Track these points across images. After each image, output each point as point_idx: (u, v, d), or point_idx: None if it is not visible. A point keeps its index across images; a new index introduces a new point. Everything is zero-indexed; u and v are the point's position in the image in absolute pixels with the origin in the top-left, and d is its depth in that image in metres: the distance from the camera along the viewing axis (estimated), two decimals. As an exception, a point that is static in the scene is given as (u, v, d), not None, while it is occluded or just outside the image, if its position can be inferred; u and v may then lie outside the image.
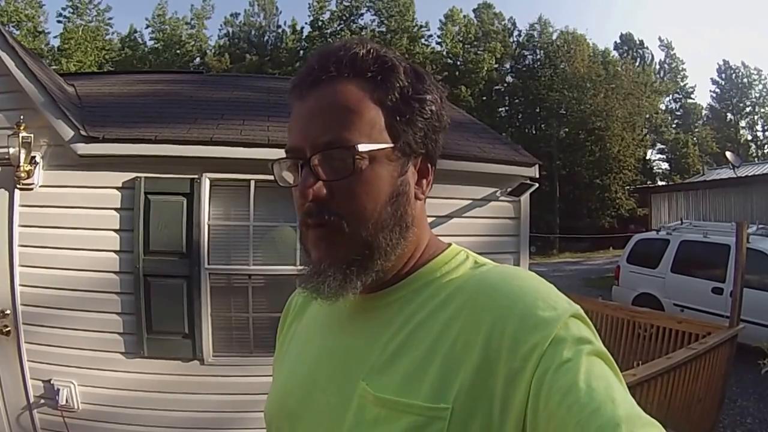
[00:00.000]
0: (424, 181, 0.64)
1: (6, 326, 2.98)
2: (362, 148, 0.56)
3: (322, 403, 0.60)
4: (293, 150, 0.59)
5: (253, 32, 31.01)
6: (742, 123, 31.77)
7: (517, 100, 30.17)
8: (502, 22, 30.56)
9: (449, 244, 0.66)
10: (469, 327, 0.53)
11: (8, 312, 2.98)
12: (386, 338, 0.58)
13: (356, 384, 0.57)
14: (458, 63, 28.83)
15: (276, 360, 0.78)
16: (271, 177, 0.64)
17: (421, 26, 30.31)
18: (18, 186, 2.96)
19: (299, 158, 0.58)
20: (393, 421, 0.52)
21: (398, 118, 0.59)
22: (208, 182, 3.14)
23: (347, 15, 29.75)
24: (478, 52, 29.01)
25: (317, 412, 0.60)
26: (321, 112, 0.58)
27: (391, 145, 0.58)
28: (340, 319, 0.65)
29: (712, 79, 32.68)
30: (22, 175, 2.91)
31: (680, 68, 31.58)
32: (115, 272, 3.06)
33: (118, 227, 3.08)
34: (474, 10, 30.49)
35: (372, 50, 0.60)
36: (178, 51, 28.49)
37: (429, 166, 0.64)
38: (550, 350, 0.48)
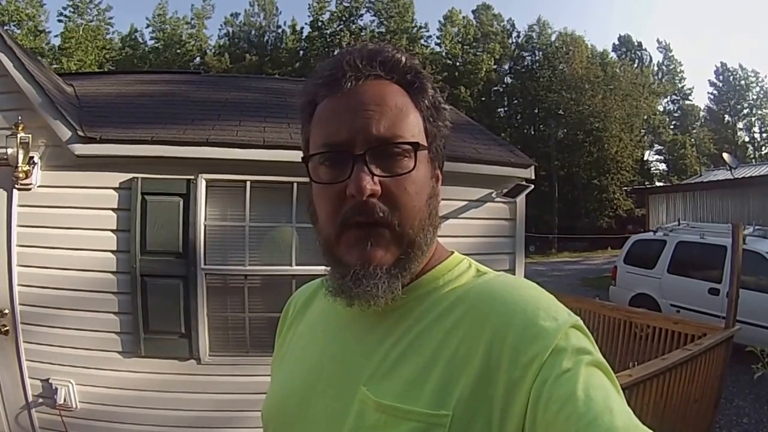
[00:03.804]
0: (438, 185, 0.65)
1: (4, 326, 2.98)
2: (421, 145, 0.58)
3: (322, 407, 0.60)
4: (338, 144, 0.57)
5: (253, 32, 31.03)
6: (740, 125, 31.91)
7: (515, 101, 30.22)
8: (501, 24, 30.66)
9: (452, 252, 0.66)
10: (471, 335, 0.54)
11: (6, 311, 2.99)
12: (388, 344, 0.58)
13: (357, 389, 0.57)
14: (457, 64, 28.89)
15: (274, 361, 0.78)
16: (267, 178, 0.65)
17: (421, 27, 30.44)
18: (16, 186, 2.97)
19: (348, 152, 0.56)
20: (393, 426, 0.53)
21: (431, 123, 0.62)
22: (204, 183, 3.14)
23: (347, 15, 29.78)
24: (477, 53, 29.09)
25: (316, 416, 0.60)
26: (372, 107, 0.57)
27: (427, 147, 0.61)
28: (343, 322, 0.64)
29: (709, 80, 32.91)
30: (21, 175, 2.92)
31: (678, 70, 31.70)
32: (112, 272, 3.07)
33: (115, 227, 3.08)
34: (473, 11, 30.65)
35: (407, 58, 0.62)
36: (178, 51, 28.50)
37: (439, 171, 0.66)
38: (550, 360, 0.49)
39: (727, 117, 31.73)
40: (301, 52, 29.84)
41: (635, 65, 30.06)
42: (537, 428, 0.47)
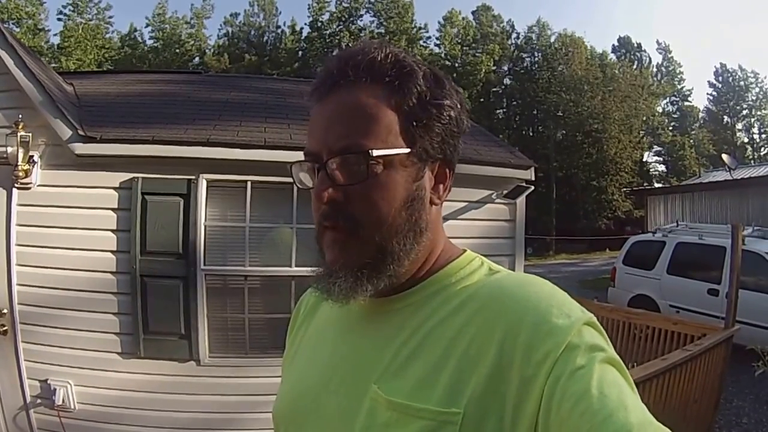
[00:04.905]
0: (441, 186, 0.63)
1: (3, 326, 2.98)
2: (376, 153, 0.56)
3: (333, 405, 0.60)
4: (311, 153, 0.60)
5: (252, 32, 31.03)
6: (739, 125, 31.98)
7: (514, 102, 30.25)
8: (501, 25, 30.65)
9: (464, 250, 0.66)
10: (483, 333, 0.53)
11: (5, 311, 2.98)
12: (399, 342, 0.58)
13: (368, 387, 0.57)
14: (456, 65, 28.86)
15: (285, 360, 0.78)
16: (268, 178, 0.65)
17: (420, 28, 30.44)
18: (16, 185, 2.96)
19: (316, 162, 0.59)
20: (404, 425, 0.53)
21: (415, 124, 0.59)
22: (204, 183, 3.14)
23: (346, 16, 29.77)
24: (477, 54, 29.08)
25: (328, 415, 0.61)
26: (338, 116, 0.58)
27: (407, 150, 0.58)
28: (353, 321, 0.65)
29: (709, 81, 32.97)
30: (20, 174, 2.91)
31: (677, 71, 31.74)
32: (111, 272, 3.06)
33: (115, 227, 3.08)
34: (473, 13, 30.62)
35: (390, 54, 0.59)
36: (177, 50, 28.48)
37: (447, 171, 0.64)
38: (563, 357, 0.48)
39: (726, 118, 31.80)
40: (301, 52, 29.84)
41: (634, 66, 30.11)
42: (550, 426, 0.47)
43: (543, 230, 22.44)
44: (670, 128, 30.67)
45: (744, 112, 31.64)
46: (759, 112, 31.33)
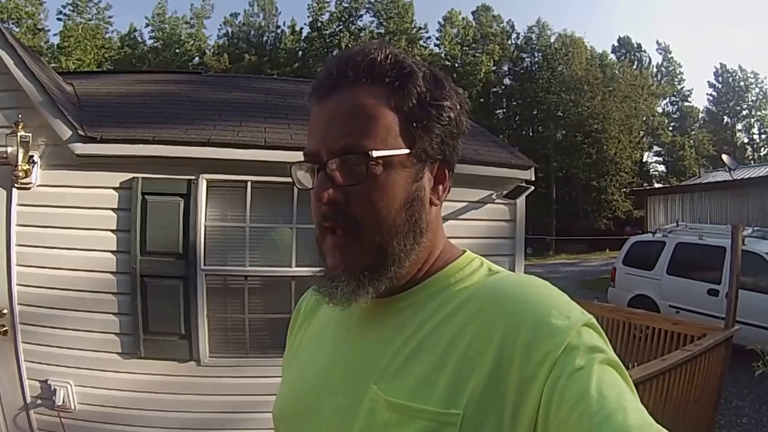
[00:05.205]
0: (441, 187, 0.64)
1: (3, 326, 2.97)
2: (376, 154, 0.56)
3: (333, 405, 0.61)
4: (310, 154, 0.60)
5: (252, 32, 31.04)
6: (739, 126, 32.00)
7: (514, 103, 30.26)
8: (501, 25, 30.67)
9: (464, 251, 0.66)
10: (483, 334, 0.54)
11: (5, 312, 2.98)
12: (399, 343, 0.59)
13: (368, 387, 0.57)
14: (456, 65, 28.86)
15: (285, 360, 0.78)
16: (268, 178, 0.65)
17: (420, 28, 30.46)
18: (16, 185, 2.96)
19: (316, 162, 0.59)
20: (404, 425, 0.53)
21: (414, 125, 0.59)
22: (205, 183, 3.14)
23: (346, 16, 29.78)
24: (476, 54, 29.09)
25: (327, 415, 0.61)
26: (338, 117, 0.58)
27: (407, 151, 0.58)
28: (353, 322, 0.65)
29: (709, 82, 32.96)
30: (20, 174, 2.91)
31: (677, 71, 31.76)
32: (112, 272, 3.06)
33: (115, 227, 3.08)
34: (473, 13, 30.64)
35: (390, 55, 0.59)
36: (177, 50, 28.49)
37: (446, 171, 0.64)
38: (562, 358, 0.48)
39: (726, 118, 31.82)
40: (300, 52, 29.84)
41: (634, 67, 30.14)
42: (549, 427, 0.47)
43: (543, 230, 22.48)
44: (670, 128, 30.69)
45: (744, 112, 31.66)
46: (759, 113, 31.34)
